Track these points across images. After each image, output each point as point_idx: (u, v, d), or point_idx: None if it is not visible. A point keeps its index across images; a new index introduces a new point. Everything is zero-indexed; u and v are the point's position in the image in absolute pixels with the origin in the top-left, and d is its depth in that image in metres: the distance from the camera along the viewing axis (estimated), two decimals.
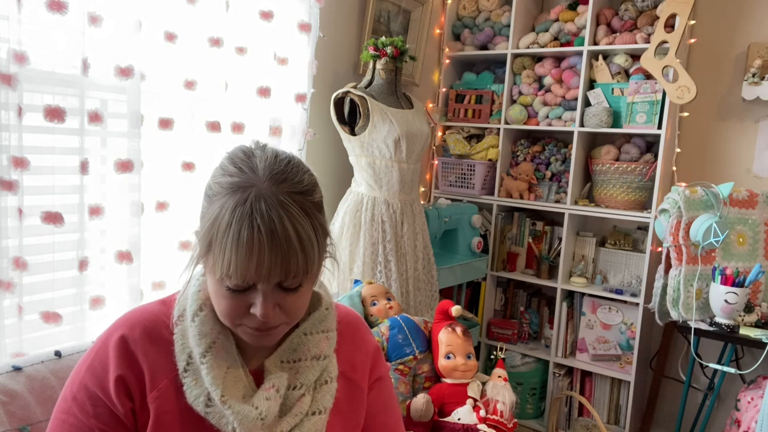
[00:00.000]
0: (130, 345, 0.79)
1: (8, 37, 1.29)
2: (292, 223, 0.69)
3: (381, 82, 2.24)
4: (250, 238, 0.68)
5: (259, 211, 0.69)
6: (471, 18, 3.01)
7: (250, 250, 0.68)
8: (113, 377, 0.77)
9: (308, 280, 0.76)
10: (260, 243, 0.68)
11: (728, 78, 2.58)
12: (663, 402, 2.78)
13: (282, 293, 0.74)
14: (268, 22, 1.92)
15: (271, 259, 0.69)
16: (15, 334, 1.38)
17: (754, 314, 2.15)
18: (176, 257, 1.76)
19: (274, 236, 0.68)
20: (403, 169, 2.20)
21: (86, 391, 0.78)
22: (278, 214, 0.69)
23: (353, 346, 0.92)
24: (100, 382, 0.78)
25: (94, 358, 0.80)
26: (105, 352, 0.79)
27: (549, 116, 2.76)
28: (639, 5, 2.57)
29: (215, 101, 1.80)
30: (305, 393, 0.81)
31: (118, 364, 0.78)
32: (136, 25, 1.55)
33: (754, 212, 2.33)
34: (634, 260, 2.66)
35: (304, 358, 0.83)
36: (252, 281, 0.71)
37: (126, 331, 0.80)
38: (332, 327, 0.88)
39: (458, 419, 1.61)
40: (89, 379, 0.79)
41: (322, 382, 0.84)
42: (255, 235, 0.68)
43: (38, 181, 1.42)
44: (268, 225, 0.68)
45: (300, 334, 0.84)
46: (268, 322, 0.74)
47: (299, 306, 0.78)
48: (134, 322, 0.81)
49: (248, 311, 0.74)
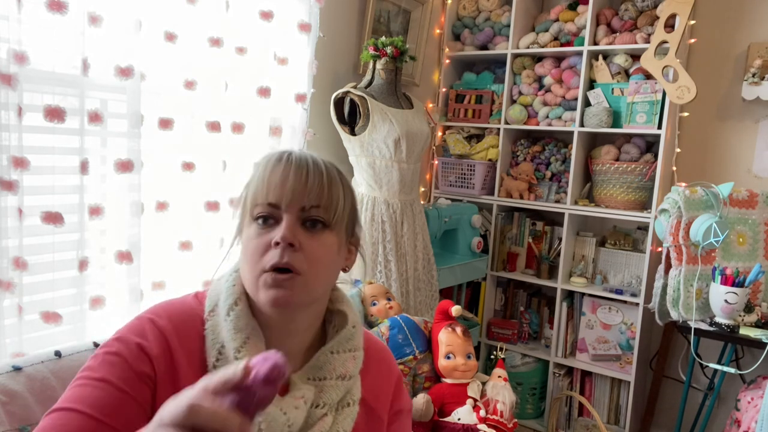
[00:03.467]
0: (163, 332, 0.76)
1: (8, 37, 1.29)
2: (319, 160, 0.80)
3: (381, 82, 2.24)
4: (278, 161, 0.78)
5: (290, 152, 0.80)
6: (471, 18, 3.01)
7: (278, 168, 0.77)
8: (143, 345, 0.74)
9: (331, 230, 0.78)
10: (287, 164, 0.77)
11: (728, 78, 2.58)
12: (663, 402, 2.78)
13: (303, 232, 0.76)
14: (268, 22, 1.92)
15: (296, 178, 0.76)
16: (15, 334, 1.38)
17: (754, 314, 2.15)
18: (176, 257, 1.76)
19: (301, 162, 0.78)
20: (403, 169, 2.20)
21: (109, 356, 0.74)
22: (308, 155, 0.80)
23: (378, 374, 0.91)
24: (127, 347, 0.74)
25: (121, 335, 0.77)
26: (134, 330, 0.77)
27: (549, 116, 2.76)
28: (639, 5, 2.57)
29: (215, 101, 1.80)
30: (327, 413, 0.79)
31: (148, 339, 0.75)
32: (136, 25, 1.55)
33: (754, 212, 2.33)
34: (634, 260, 2.66)
35: (329, 377, 0.81)
36: (276, 199, 0.76)
37: (157, 318, 0.77)
38: (359, 346, 0.87)
39: (458, 419, 1.61)
40: (114, 346, 0.75)
41: (344, 404, 0.82)
42: (284, 160, 0.78)
43: (38, 181, 1.42)
44: (297, 157, 0.79)
45: (326, 352, 0.83)
46: (285, 251, 0.74)
47: (318, 254, 0.77)
48: (169, 312, 0.79)
49: (271, 246, 0.75)
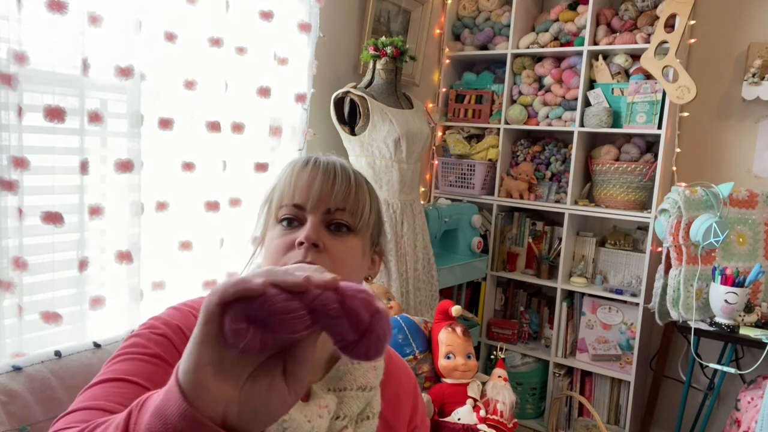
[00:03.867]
0: (185, 330, 0.74)
1: (8, 37, 1.29)
2: (347, 166, 0.80)
3: (381, 82, 2.24)
4: (305, 164, 0.79)
5: (318, 156, 0.81)
6: (471, 18, 3.01)
7: (305, 171, 0.78)
8: (183, 329, 0.72)
9: (356, 235, 0.78)
10: (315, 167, 0.78)
11: (728, 78, 2.58)
12: (663, 402, 2.78)
13: (327, 234, 0.76)
14: (268, 22, 1.92)
15: (323, 180, 0.76)
16: (15, 334, 1.38)
17: (754, 314, 2.15)
18: (176, 257, 1.76)
19: (328, 166, 0.78)
20: (403, 169, 2.20)
21: (155, 336, 0.71)
22: (337, 160, 0.80)
23: (398, 388, 0.90)
24: (170, 328, 0.72)
25: (163, 318, 0.74)
26: (175, 316, 0.74)
27: (549, 116, 2.76)
28: (639, 5, 2.57)
29: (215, 101, 1.80)
30: (347, 425, 0.78)
31: (189, 327, 0.73)
32: (136, 25, 1.55)
33: (754, 212, 2.33)
34: (634, 260, 2.66)
35: (349, 387, 0.80)
36: (302, 201, 0.76)
37: (195, 311, 0.76)
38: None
39: (458, 419, 1.61)
40: (159, 328, 0.72)
41: (364, 417, 0.81)
42: (311, 163, 0.78)
43: (38, 181, 1.42)
44: (325, 161, 0.79)
45: (347, 362, 0.82)
46: (309, 251, 0.73)
47: (343, 256, 0.76)
48: (182, 312, 0.77)
49: (294, 246, 0.75)
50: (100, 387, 0.64)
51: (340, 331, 0.41)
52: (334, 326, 0.40)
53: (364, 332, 0.41)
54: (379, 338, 0.41)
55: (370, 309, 0.41)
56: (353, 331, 0.40)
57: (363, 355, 0.41)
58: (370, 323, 0.41)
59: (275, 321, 0.39)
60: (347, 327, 0.40)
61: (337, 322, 0.40)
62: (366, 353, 0.41)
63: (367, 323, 0.41)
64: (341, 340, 0.41)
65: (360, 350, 0.41)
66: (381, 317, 0.41)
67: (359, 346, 0.41)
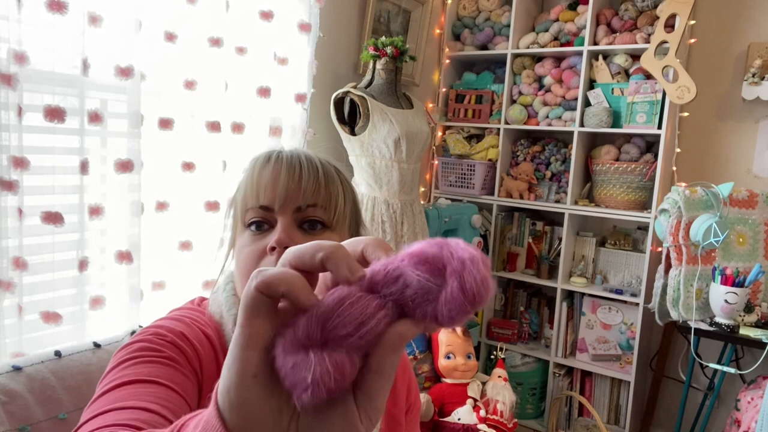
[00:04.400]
0: (189, 337, 0.70)
1: (8, 37, 1.29)
2: (313, 157, 0.74)
3: (381, 82, 2.24)
4: (267, 161, 0.72)
5: (280, 150, 0.74)
6: (471, 18, 3.01)
7: (267, 168, 0.71)
8: (185, 334, 0.69)
9: (332, 231, 0.72)
10: (277, 162, 0.71)
11: (728, 78, 2.58)
12: (663, 402, 2.78)
13: (301, 235, 0.70)
14: (268, 22, 1.92)
15: (288, 176, 0.70)
16: (15, 334, 1.38)
17: (754, 314, 2.15)
18: (176, 257, 1.76)
19: (292, 160, 0.72)
20: (403, 169, 2.20)
21: (146, 337, 0.67)
22: (300, 151, 0.74)
23: (396, 378, 0.87)
24: (168, 330, 0.69)
25: (162, 325, 0.70)
26: (172, 323, 0.71)
27: (549, 116, 2.76)
28: (639, 5, 2.57)
29: (215, 101, 1.80)
30: None
31: (188, 332, 0.70)
32: (136, 25, 1.55)
33: (754, 212, 2.33)
34: (634, 260, 2.66)
35: None
36: (268, 201, 0.70)
37: (179, 324, 0.72)
38: None
39: (458, 419, 1.61)
40: (166, 335, 0.68)
41: None
42: (273, 159, 0.72)
43: (38, 181, 1.42)
44: (288, 154, 0.73)
45: None
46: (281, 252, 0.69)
47: None
48: (182, 323, 0.73)
49: (266, 253, 0.70)
50: (124, 389, 0.58)
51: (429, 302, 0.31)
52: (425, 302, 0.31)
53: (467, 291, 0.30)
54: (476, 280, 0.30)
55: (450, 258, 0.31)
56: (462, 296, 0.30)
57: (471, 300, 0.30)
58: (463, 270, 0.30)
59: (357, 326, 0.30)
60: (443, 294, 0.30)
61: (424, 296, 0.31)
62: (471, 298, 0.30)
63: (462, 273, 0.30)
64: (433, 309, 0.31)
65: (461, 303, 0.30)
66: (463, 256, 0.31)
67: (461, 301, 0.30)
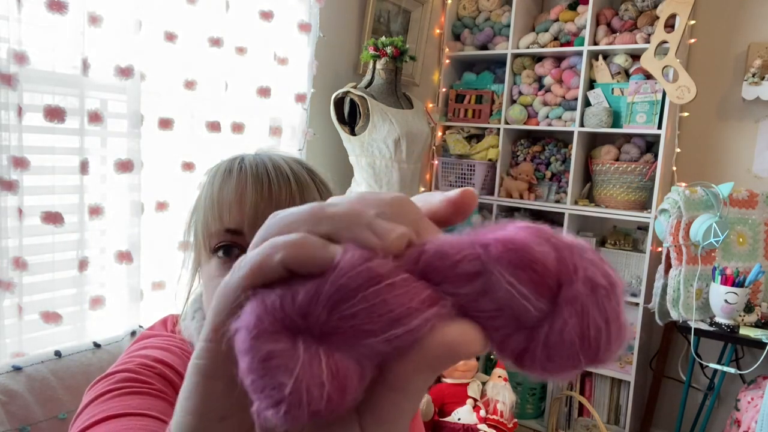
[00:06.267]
0: (178, 368, 0.66)
1: (8, 37, 1.30)
2: (281, 162, 0.62)
3: (381, 82, 2.25)
4: (228, 173, 0.61)
5: (242, 158, 0.62)
6: (471, 18, 3.01)
7: (229, 183, 0.60)
8: (168, 362, 0.64)
9: None
10: (241, 175, 0.60)
11: (728, 78, 2.58)
12: (663, 402, 2.78)
13: None
14: (268, 22, 1.92)
15: (255, 191, 0.59)
16: (15, 334, 1.38)
17: (754, 314, 2.16)
18: (176, 257, 1.76)
19: (258, 170, 0.60)
20: (403, 169, 2.20)
21: (148, 370, 0.62)
22: (265, 157, 0.62)
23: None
24: (156, 360, 0.64)
25: (142, 353, 0.66)
26: (151, 351, 0.67)
27: (549, 116, 2.76)
28: (639, 5, 2.57)
29: (215, 101, 1.80)
30: None
31: (170, 358, 0.66)
32: (136, 25, 1.55)
33: (754, 212, 2.33)
34: (634, 260, 2.66)
35: None
36: (235, 224, 0.59)
37: (159, 354, 0.68)
38: None
39: (458, 419, 1.61)
40: (152, 364, 0.63)
41: None
42: (235, 171, 0.60)
43: (38, 181, 1.42)
44: (251, 163, 0.61)
45: None
46: None
47: None
48: (172, 352, 0.69)
49: None
50: (115, 422, 0.53)
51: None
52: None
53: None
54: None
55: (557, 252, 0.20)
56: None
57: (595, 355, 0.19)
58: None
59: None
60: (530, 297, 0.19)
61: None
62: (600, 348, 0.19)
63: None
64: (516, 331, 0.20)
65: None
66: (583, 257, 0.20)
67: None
